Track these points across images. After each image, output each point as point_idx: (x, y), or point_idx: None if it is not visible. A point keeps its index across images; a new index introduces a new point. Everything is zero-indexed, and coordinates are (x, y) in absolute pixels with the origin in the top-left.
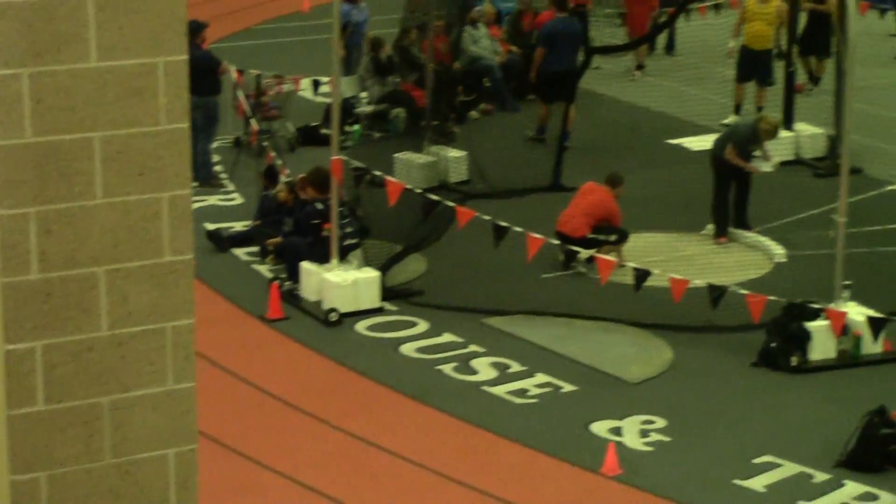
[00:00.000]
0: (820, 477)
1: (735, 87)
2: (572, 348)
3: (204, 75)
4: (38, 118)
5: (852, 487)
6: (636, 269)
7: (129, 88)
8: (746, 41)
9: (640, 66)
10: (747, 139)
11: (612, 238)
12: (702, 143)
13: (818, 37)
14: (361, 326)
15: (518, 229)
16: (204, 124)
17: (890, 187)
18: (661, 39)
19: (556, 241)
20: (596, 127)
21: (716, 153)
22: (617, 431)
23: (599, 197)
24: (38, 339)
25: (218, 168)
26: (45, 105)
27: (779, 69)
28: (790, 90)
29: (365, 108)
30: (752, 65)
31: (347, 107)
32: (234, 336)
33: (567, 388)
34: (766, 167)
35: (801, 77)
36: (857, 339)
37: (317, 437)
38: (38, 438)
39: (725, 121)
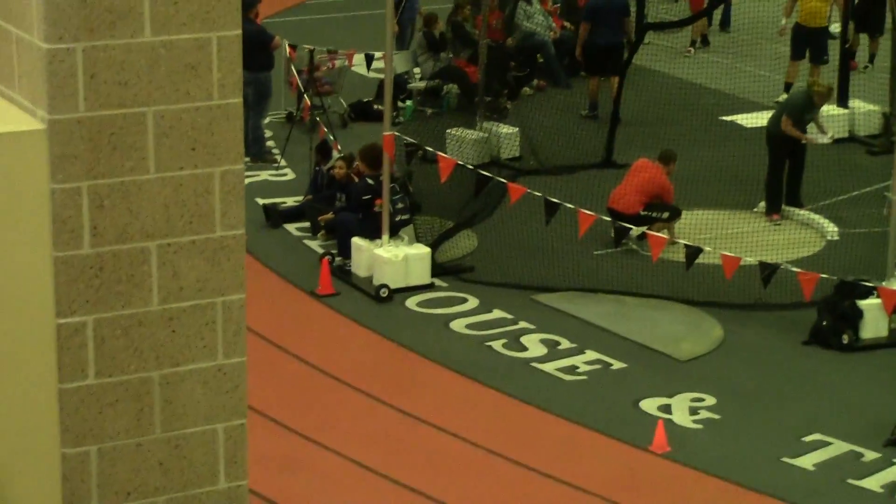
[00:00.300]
0: (869, 456)
1: (789, 65)
2: (622, 326)
3: (256, 50)
4: (91, 93)
5: None
6: (687, 247)
7: (182, 63)
8: (801, 19)
9: (704, 40)
10: (802, 107)
11: (665, 215)
12: (755, 120)
13: (873, 14)
14: (412, 302)
15: (569, 206)
16: (256, 100)
17: None
18: (717, 15)
19: (608, 218)
20: (649, 103)
21: (771, 129)
22: (666, 409)
23: (652, 174)
24: (89, 313)
25: (270, 143)
26: (99, 79)
27: (833, 46)
28: (845, 67)
29: (418, 84)
30: (807, 42)
31: (400, 83)
32: (284, 311)
33: (617, 365)
34: (823, 139)
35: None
36: None
37: (366, 412)
38: (89, 412)
39: (778, 98)
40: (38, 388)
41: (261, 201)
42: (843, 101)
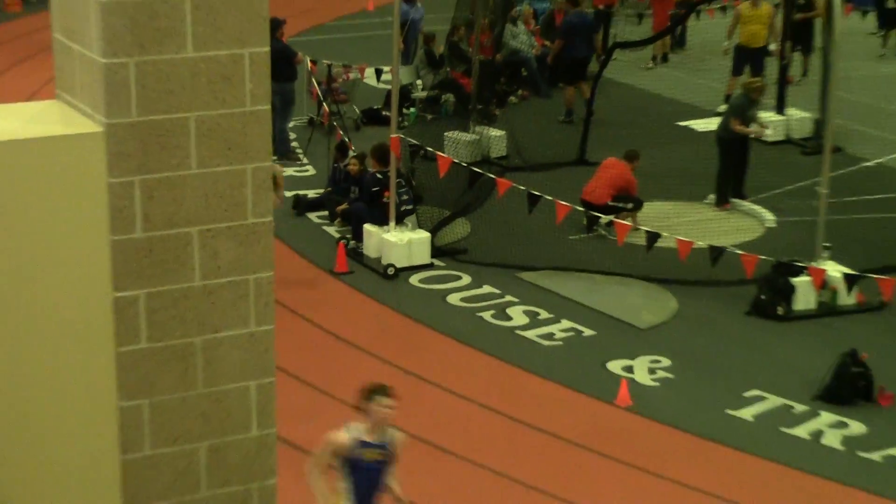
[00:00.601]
0: (799, 408)
1: (730, 79)
2: (592, 299)
3: (283, 64)
4: (142, 101)
5: (826, 417)
6: (648, 232)
7: (220, 76)
8: (743, 40)
9: (664, 58)
10: (743, 106)
11: (629, 206)
12: (706, 124)
13: (803, 35)
14: (414, 279)
15: (549, 197)
16: (282, 106)
17: (865, 164)
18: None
19: (581, 208)
20: (616, 110)
21: (720, 133)
22: (629, 369)
23: (619, 170)
24: (141, 287)
25: (294, 144)
26: (149, 89)
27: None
28: (783, 81)
29: (420, 94)
30: (747, 60)
31: (405, 92)
32: (306, 287)
33: (587, 332)
34: (766, 131)
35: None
36: (834, 293)
37: (375, 372)
38: (142, 371)
39: (718, 108)
40: (99, 351)
41: (288, 194)
42: (780, 109)
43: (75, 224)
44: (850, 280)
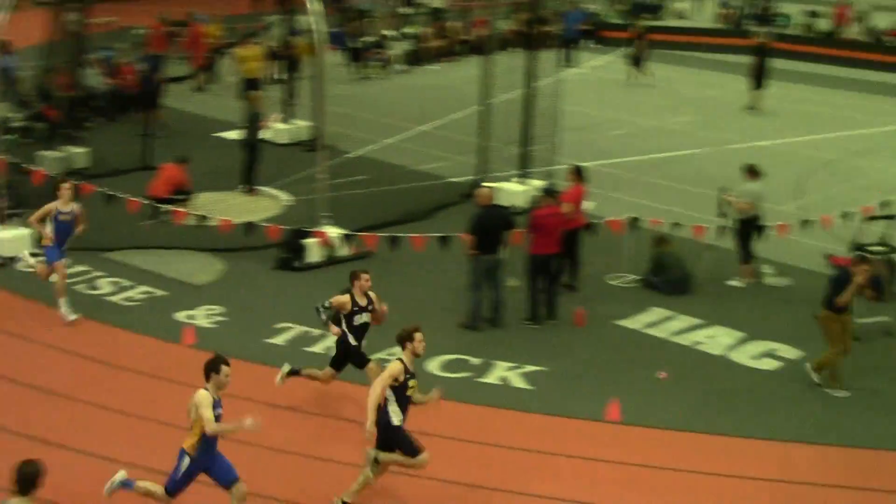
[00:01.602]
0: (316, 332)
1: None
2: (161, 268)
3: None
4: None
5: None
6: (198, 216)
7: None
8: (245, 73)
9: (204, 87)
10: (257, 116)
11: (183, 197)
12: (233, 135)
13: (291, 66)
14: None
15: (122, 196)
16: None
17: (348, 155)
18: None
19: (147, 201)
20: (169, 126)
21: (245, 138)
22: (192, 317)
23: (174, 171)
24: None
25: None
26: None
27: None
28: (289, 98)
29: (18, 124)
30: (250, 87)
31: (4, 123)
32: None
33: (159, 293)
34: (279, 123)
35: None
36: (334, 248)
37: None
38: None
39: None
40: None
41: None
42: (288, 120)
43: None
44: (345, 238)
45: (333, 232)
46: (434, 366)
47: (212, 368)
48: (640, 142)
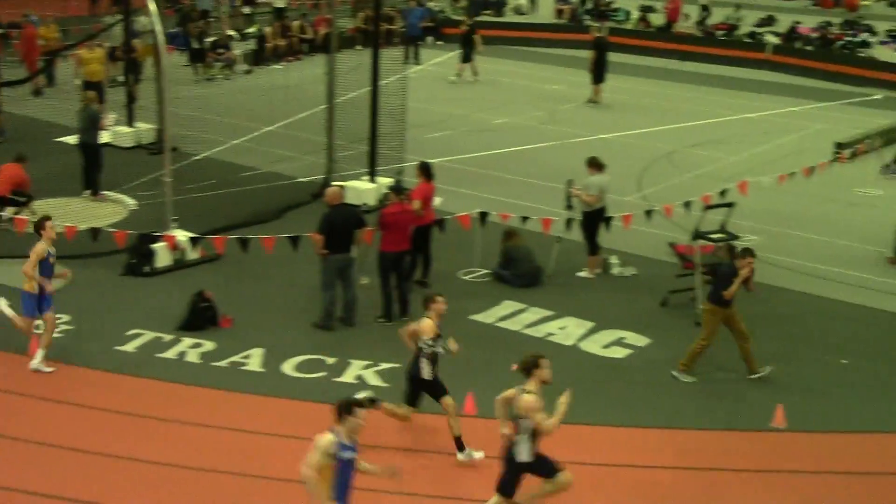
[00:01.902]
0: (167, 337)
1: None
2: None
3: None
4: None
5: (187, 341)
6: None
7: None
8: (87, 76)
9: (39, 93)
10: (95, 117)
11: (23, 199)
12: (72, 139)
13: (132, 69)
14: None
15: None
16: None
17: (196, 157)
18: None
19: None
20: (6, 132)
21: (83, 140)
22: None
23: (15, 171)
24: None
25: None
26: None
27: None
28: (131, 101)
29: None
30: (90, 89)
31: None
32: None
33: None
34: (110, 120)
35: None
36: (183, 252)
37: None
38: None
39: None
40: None
41: None
42: (131, 122)
43: None
44: (193, 241)
45: (182, 235)
46: (289, 367)
47: (345, 410)
48: (485, 137)
